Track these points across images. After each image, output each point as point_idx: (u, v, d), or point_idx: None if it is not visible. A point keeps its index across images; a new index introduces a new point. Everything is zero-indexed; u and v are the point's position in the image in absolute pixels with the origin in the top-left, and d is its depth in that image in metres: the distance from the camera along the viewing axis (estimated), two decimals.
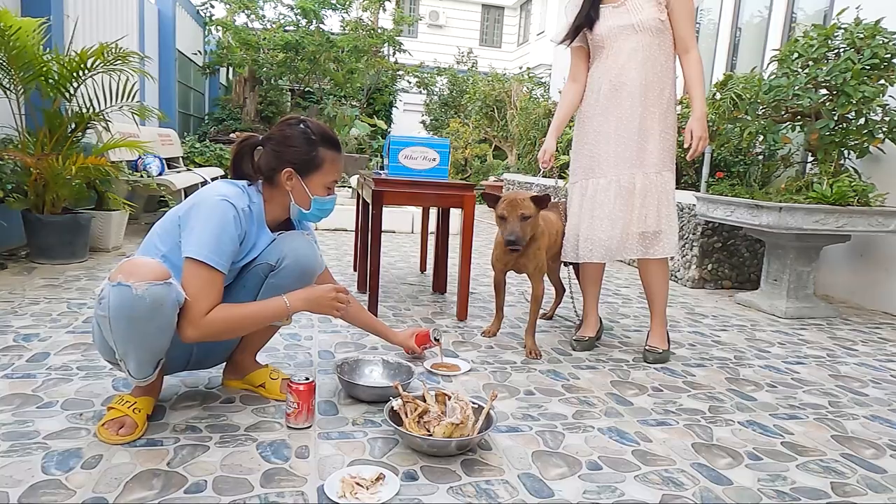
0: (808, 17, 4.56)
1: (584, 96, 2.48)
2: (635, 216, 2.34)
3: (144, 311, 1.39)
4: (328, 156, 1.67)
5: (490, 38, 19.49)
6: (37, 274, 3.26)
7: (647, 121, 2.34)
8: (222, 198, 1.55)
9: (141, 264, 1.43)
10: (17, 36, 3.21)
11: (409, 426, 1.56)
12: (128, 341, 1.44)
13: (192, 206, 1.56)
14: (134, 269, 1.40)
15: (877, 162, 3.61)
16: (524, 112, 8.36)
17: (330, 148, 1.68)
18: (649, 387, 2.14)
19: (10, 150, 3.45)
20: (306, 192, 1.68)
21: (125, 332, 1.43)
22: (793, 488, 1.49)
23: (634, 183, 2.34)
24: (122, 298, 1.39)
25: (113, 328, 1.43)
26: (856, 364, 2.58)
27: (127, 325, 1.41)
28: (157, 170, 4.98)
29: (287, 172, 1.64)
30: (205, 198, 1.55)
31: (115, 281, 1.40)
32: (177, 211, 1.60)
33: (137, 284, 1.38)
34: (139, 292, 1.38)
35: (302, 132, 1.65)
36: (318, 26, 9.99)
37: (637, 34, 2.31)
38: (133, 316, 1.39)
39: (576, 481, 1.46)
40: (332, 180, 1.71)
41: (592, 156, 2.43)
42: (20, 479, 1.31)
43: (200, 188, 1.62)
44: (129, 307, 1.39)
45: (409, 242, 5.30)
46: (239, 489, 1.33)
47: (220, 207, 1.53)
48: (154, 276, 1.40)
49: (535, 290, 2.48)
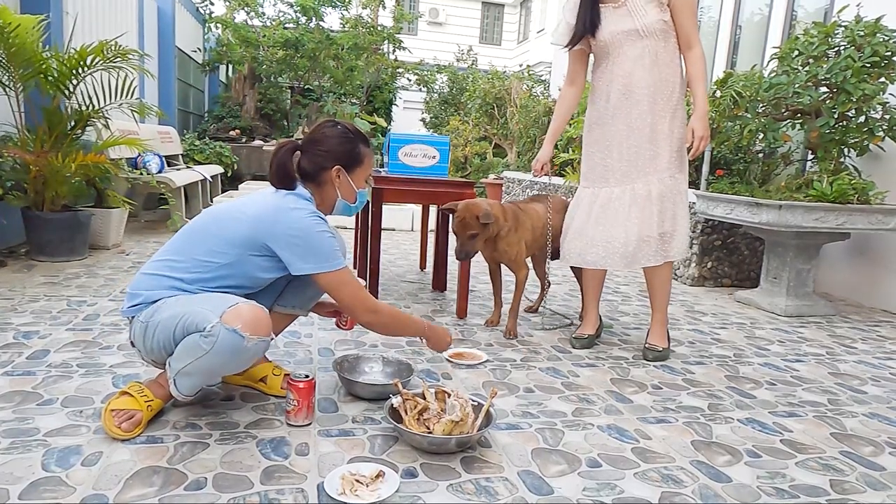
0: (808, 14, 4.55)
1: (592, 102, 2.44)
2: (654, 221, 2.32)
3: (242, 359, 1.52)
4: (366, 151, 1.80)
5: (490, 35, 19.46)
6: (36, 271, 3.26)
7: (658, 125, 2.32)
8: (310, 214, 1.65)
9: (262, 320, 1.51)
10: (16, 33, 3.21)
11: (408, 424, 1.56)
12: (202, 371, 1.52)
13: (282, 232, 1.61)
14: (255, 323, 1.48)
15: (877, 160, 3.61)
16: (524, 110, 8.35)
17: (366, 144, 1.81)
18: (649, 384, 2.15)
19: (9, 147, 3.44)
20: (352, 186, 1.79)
21: (209, 365, 1.50)
22: (792, 486, 1.49)
23: (650, 190, 2.33)
24: (233, 345, 1.46)
25: (202, 361, 1.48)
26: (855, 362, 2.58)
27: (220, 364, 1.51)
28: (157, 167, 4.98)
29: (337, 170, 1.74)
30: (296, 220, 1.62)
31: (232, 326, 1.45)
32: (247, 232, 1.61)
33: (251, 338, 1.47)
34: (249, 345, 1.47)
35: (342, 132, 1.76)
36: (318, 24, 9.97)
37: (642, 39, 2.28)
38: (230, 360, 1.50)
39: (575, 478, 1.46)
40: (370, 173, 1.86)
41: (606, 165, 2.40)
42: (20, 476, 1.31)
43: (274, 204, 1.67)
44: (233, 353, 1.47)
45: (409, 240, 5.30)
46: (239, 486, 1.33)
47: (315, 224, 1.64)
48: (266, 332, 1.51)
49: (516, 276, 2.66)
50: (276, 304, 1.88)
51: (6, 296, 2.74)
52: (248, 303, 1.52)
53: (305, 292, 1.90)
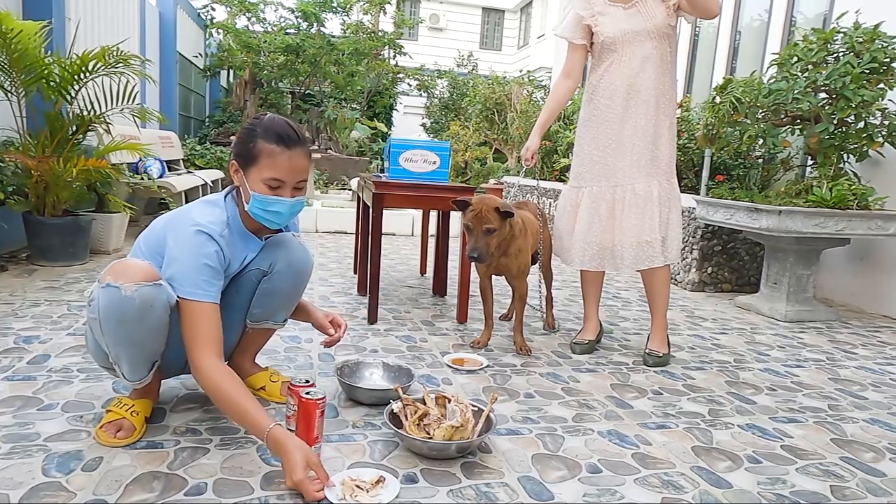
0: (807, 20, 4.57)
1: (590, 101, 2.45)
2: (654, 224, 2.33)
3: (133, 313, 1.38)
4: (266, 149, 1.51)
5: (490, 41, 19.52)
6: (37, 276, 3.26)
7: (660, 128, 2.34)
8: (199, 229, 1.47)
9: (130, 265, 1.41)
10: (18, 39, 3.22)
11: (409, 429, 1.56)
12: (118, 343, 1.43)
13: (170, 234, 1.50)
14: (123, 271, 1.39)
15: (876, 165, 3.62)
16: (524, 115, 8.37)
17: (270, 141, 1.51)
18: (649, 390, 2.15)
19: (11, 152, 3.45)
20: (246, 188, 1.55)
21: (115, 334, 1.41)
22: (792, 492, 1.49)
23: (651, 192, 2.34)
24: (110, 300, 1.37)
25: (104, 330, 1.41)
26: (855, 367, 2.58)
27: (116, 326, 1.40)
28: (158, 172, 4.99)
29: (232, 165, 1.58)
30: (182, 228, 1.49)
31: (104, 282, 1.38)
32: (162, 230, 1.55)
33: (126, 285, 1.36)
34: (128, 293, 1.36)
35: (250, 125, 1.56)
36: (319, 29, 10.02)
37: (651, 40, 2.29)
38: (122, 318, 1.38)
39: (575, 484, 1.46)
40: (270, 176, 1.52)
41: (605, 164, 2.40)
42: (21, 482, 1.31)
43: (181, 206, 1.56)
44: (117, 308, 1.37)
45: (410, 245, 5.30)
46: (239, 491, 1.33)
47: (198, 242, 1.46)
48: (143, 276, 1.39)
49: (519, 290, 2.49)
50: (248, 321, 1.77)
51: (7, 300, 2.75)
52: (123, 259, 1.45)
53: (271, 303, 1.75)
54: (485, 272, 2.50)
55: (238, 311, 1.74)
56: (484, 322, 2.57)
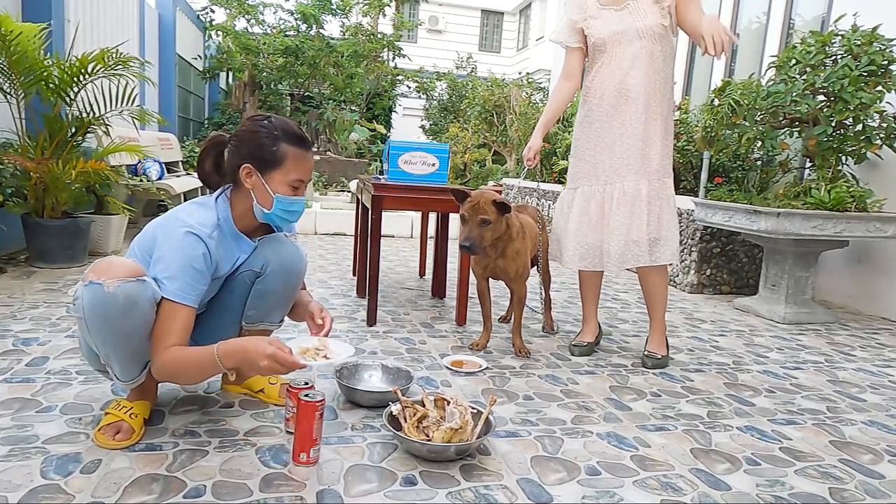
0: (805, 23, 4.58)
1: (584, 101, 2.47)
2: (642, 223, 2.33)
3: (117, 309, 1.37)
4: (291, 152, 1.57)
5: (489, 43, 19.54)
6: (36, 278, 3.26)
7: (651, 127, 2.34)
8: (188, 230, 1.48)
9: (114, 263, 1.41)
10: (17, 41, 3.22)
11: (408, 431, 1.56)
12: (106, 342, 1.43)
13: (160, 233, 1.51)
14: (106, 268, 1.39)
15: (874, 168, 3.63)
16: (523, 117, 8.38)
17: (293, 144, 1.58)
18: (648, 392, 2.15)
19: (10, 154, 3.45)
20: (268, 190, 1.58)
21: (101, 332, 1.41)
22: (791, 493, 1.49)
23: (640, 190, 2.34)
24: (94, 297, 1.37)
25: (90, 329, 1.41)
26: (854, 369, 2.58)
27: (102, 324, 1.39)
28: (157, 174, 4.99)
29: (246, 169, 1.57)
30: (171, 229, 1.49)
31: (87, 280, 1.38)
32: (153, 231, 1.55)
33: (109, 282, 1.36)
34: (111, 290, 1.36)
35: (263, 126, 1.58)
36: (318, 31, 10.03)
37: (640, 40, 2.31)
38: (106, 314, 1.37)
39: (574, 486, 1.46)
40: (296, 178, 1.59)
41: (595, 163, 2.42)
42: (19, 484, 1.31)
43: (172, 208, 1.57)
44: (101, 305, 1.37)
45: (409, 247, 5.30)
46: (238, 494, 1.33)
47: (186, 243, 1.47)
48: (126, 273, 1.38)
49: (517, 292, 2.48)
50: (243, 323, 1.76)
51: (5, 302, 2.74)
52: (108, 257, 1.46)
53: (265, 304, 1.73)
54: (482, 274, 2.50)
55: (231, 312, 1.73)
56: (483, 324, 2.57)
